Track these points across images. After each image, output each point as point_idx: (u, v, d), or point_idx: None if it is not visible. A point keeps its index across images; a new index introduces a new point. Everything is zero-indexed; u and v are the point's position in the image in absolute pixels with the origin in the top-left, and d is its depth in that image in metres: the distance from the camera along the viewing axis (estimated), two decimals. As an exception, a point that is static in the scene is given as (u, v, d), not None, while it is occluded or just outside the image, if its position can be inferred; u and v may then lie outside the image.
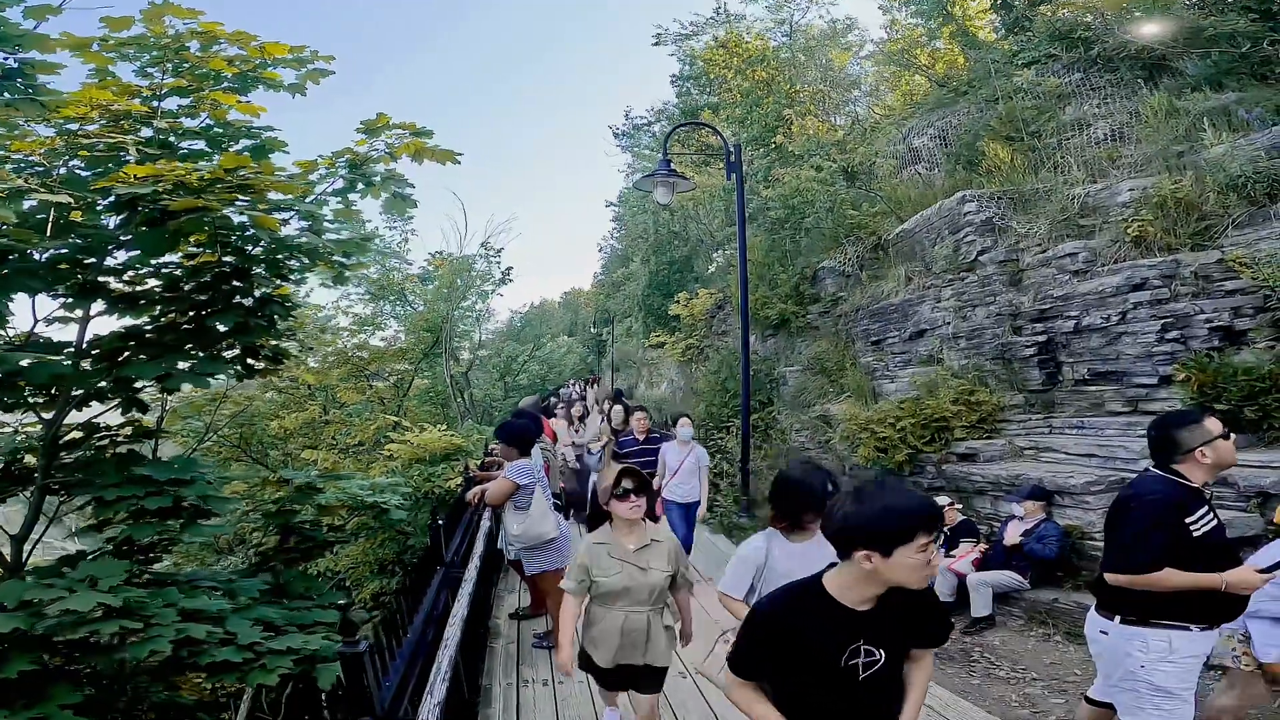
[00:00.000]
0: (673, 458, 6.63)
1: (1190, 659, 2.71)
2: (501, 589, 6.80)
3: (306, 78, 4.96)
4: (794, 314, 11.45)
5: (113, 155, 4.04)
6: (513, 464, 4.92)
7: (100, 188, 3.71)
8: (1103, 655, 2.98)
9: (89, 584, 3.45)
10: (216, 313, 3.92)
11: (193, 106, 4.66)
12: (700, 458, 6.66)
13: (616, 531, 3.13)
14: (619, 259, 25.75)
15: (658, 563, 3.06)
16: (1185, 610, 2.69)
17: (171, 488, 3.77)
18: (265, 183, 3.99)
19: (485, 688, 4.58)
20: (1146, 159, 8.11)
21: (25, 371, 3.52)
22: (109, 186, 3.61)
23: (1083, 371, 7.02)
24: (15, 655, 3.38)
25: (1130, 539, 2.74)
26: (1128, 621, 2.78)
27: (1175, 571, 2.63)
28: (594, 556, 3.08)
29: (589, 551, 3.12)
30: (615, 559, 3.05)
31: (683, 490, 6.58)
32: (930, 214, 9.37)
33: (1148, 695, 2.72)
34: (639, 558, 3.06)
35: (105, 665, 3.90)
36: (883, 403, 8.64)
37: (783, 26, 18.25)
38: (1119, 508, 2.88)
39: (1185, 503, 2.71)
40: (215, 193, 3.60)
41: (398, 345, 14.20)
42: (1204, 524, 2.72)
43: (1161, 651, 2.69)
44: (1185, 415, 2.93)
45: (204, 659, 3.60)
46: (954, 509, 6.84)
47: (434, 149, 4.91)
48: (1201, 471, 2.78)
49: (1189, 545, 2.66)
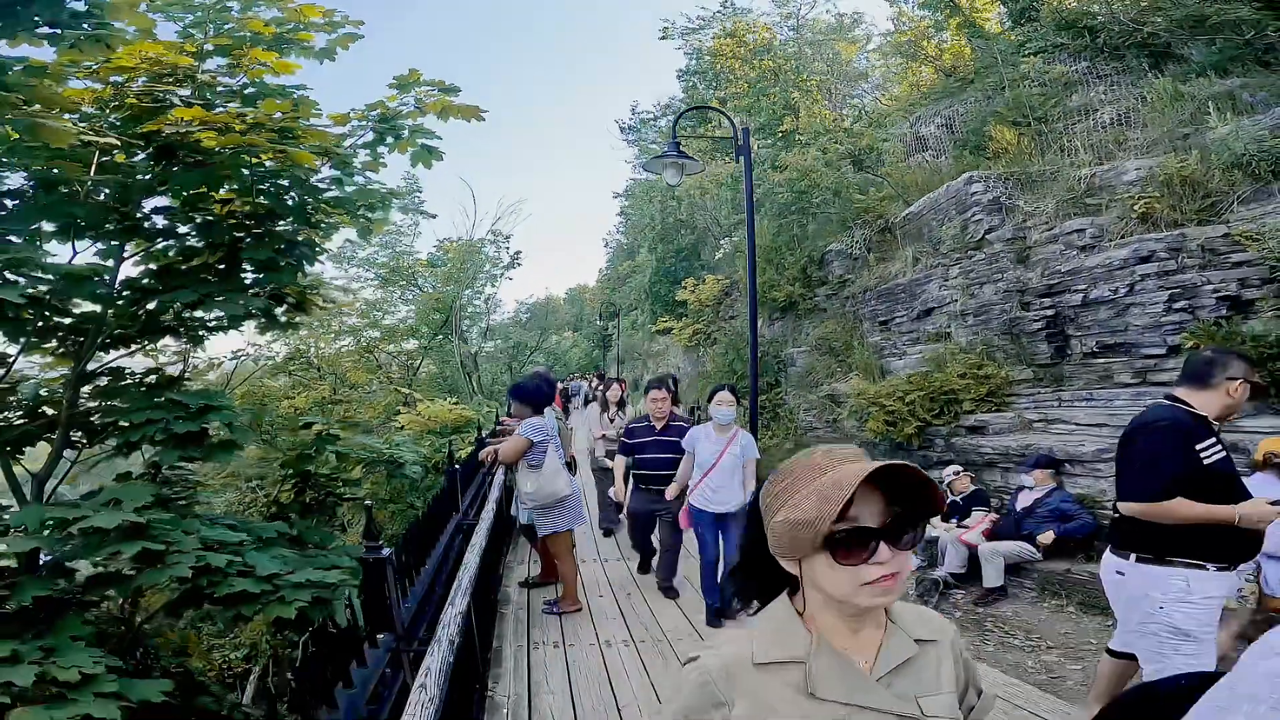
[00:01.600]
0: (705, 449, 4.76)
1: (1208, 600, 2.66)
2: (511, 560, 6.87)
3: (336, 42, 5.06)
4: (801, 296, 11.56)
5: (159, 108, 4.14)
6: (527, 421, 4.97)
7: (145, 132, 3.82)
8: (1119, 599, 2.93)
9: (113, 506, 3.52)
10: (247, 247, 4.00)
11: (232, 66, 4.77)
12: (746, 448, 4.75)
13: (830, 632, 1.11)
14: (624, 252, 25.86)
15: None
16: (1201, 548, 2.66)
17: (200, 416, 3.81)
18: (301, 129, 4.11)
19: (496, 649, 4.63)
20: (1152, 142, 8.24)
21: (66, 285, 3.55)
22: (154, 130, 3.72)
23: (1091, 344, 7.13)
24: (28, 582, 3.44)
25: (1140, 466, 2.73)
26: (1143, 560, 2.76)
27: (1187, 501, 2.62)
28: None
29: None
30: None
31: (718, 495, 4.68)
32: (937, 195, 9.49)
33: (1168, 640, 2.67)
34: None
35: (121, 592, 3.87)
36: (890, 378, 8.74)
37: (789, 21, 18.40)
38: (1127, 437, 2.87)
39: (1194, 430, 2.70)
40: (259, 134, 3.70)
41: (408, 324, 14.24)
42: (1213, 453, 2.71)
43: (1179, 592, 2.66)
44: (1229, 350, 3.02)
45: (222, 589, 3.62)
46: (964, 478, 6.93)
47: (459, 105, 5.02)
48: (1219, 406, 2.78)
49: (1200, 475, 2.66)
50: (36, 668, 3.01)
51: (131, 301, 4.17)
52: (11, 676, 2.93)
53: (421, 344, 13.58)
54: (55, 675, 3.02)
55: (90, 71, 4.02)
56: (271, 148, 3.77)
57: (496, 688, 4.06)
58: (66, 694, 3.06)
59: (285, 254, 4.24)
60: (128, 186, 4.06)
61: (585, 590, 5.71)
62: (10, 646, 3.10)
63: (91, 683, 3.09)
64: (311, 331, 10.66)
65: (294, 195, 4.57)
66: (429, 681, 1.78)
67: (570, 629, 4.97)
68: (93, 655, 3.21)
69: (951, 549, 6.41)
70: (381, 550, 2.31)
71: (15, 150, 3.41)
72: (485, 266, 17.85)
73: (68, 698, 3.04)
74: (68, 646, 3.26)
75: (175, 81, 4.32)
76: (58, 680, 3.04)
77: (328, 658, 1.94)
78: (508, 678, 4.18)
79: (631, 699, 3.85)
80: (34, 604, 3.42)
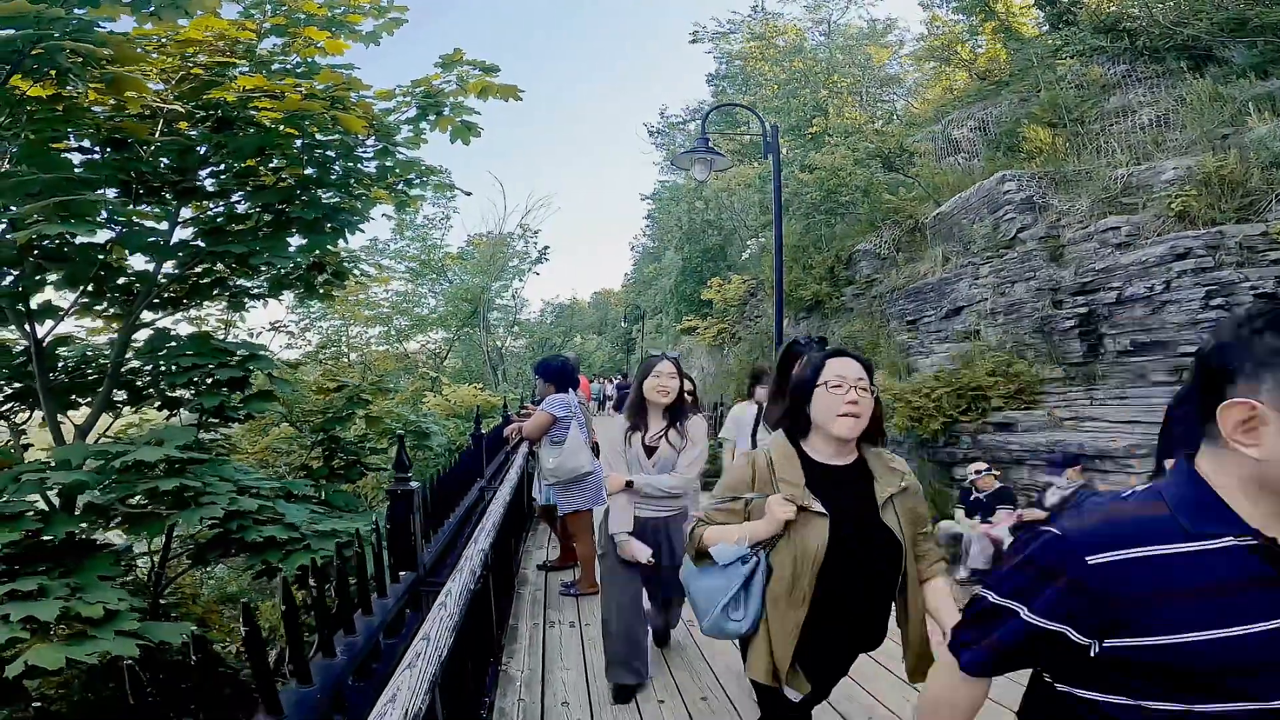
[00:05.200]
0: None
1: None
2: (530, 545, 6.91)
3: (383, 27, 5.24)
4: (828, 295, 11.55)
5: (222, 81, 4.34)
6: (550, 397, 5.01)
7: (208, 100, 4.00)
8: None
9: (155, 444, 3.61)
10: (295, 207, 4.14)
11: (287, 45, 4.96)
12: None
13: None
14: (650, 256, 25.98)
15: None
16: None
17: (243, 363, 3.93)
18: (351, 101, 4.27)
19: (513, 627, 4.64)
20: (1191, 142, 8.14)
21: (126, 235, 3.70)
22: (217, 99, 3.89)
23: (1125, 343, 7.03)
24: (59, 519, 3.50)
25: None
26: None
27: None
28: None
29: None
30: None
31: None
32: (969, 194, 9.44)
33: None
34: None
35: (154, 531, 3.87)
36: (916, 376, 8.69)
37: (820, 26, 18.44)
38: None
39: None
40: (314, 102, 3.86)
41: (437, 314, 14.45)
42: None
43: None
44: None
45: (250, 535, 3.67)
46: (991, 476, 6.85)
47: (499, 85, 5.16)
48: None
49: None
50: (61, 603, 3.01)
51: (183, 263, 4.33)
52: (36, 611, 2.91)
53: (451, 334, 13.75)
54: (79, 611, 3.02)
55: (160, 46, 4.22)
56: (324, 113, 3.91)
57: (511, 662, 4.04)
58: (88, 631, 3.05)
59: (329, 219, 4.39)
60: (187, 155, 4.24)
61: (603, 573, 5.73)
62: (38, 581, 3.11)
63: (114, 620, 3.09)
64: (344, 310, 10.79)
65: (339, 167, 4.73)
66: (449, 601, 1.81)
67: (587, 609, 4.92)
68: (118, 594, 3.23)
69: (976, 545, 6.34)
70: (410, 483, 2.27)
71: (83, 110, 3.59)
72: (513, 260, 18.07)
73: (88, 635, 3.03)
74: (94, 585, 3.26)
75: (236, 56, 4.53)
76: (81, 616, 3.03)
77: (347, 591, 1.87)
78: (522, 653, 4.20)
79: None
80: (66, 544, 3.46)
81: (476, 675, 3.45)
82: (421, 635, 1.55)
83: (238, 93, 3.77)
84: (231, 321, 5.55)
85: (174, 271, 4.31)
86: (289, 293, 5.07)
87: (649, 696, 3.58)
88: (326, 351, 12.90)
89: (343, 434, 5.32)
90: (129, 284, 4.42)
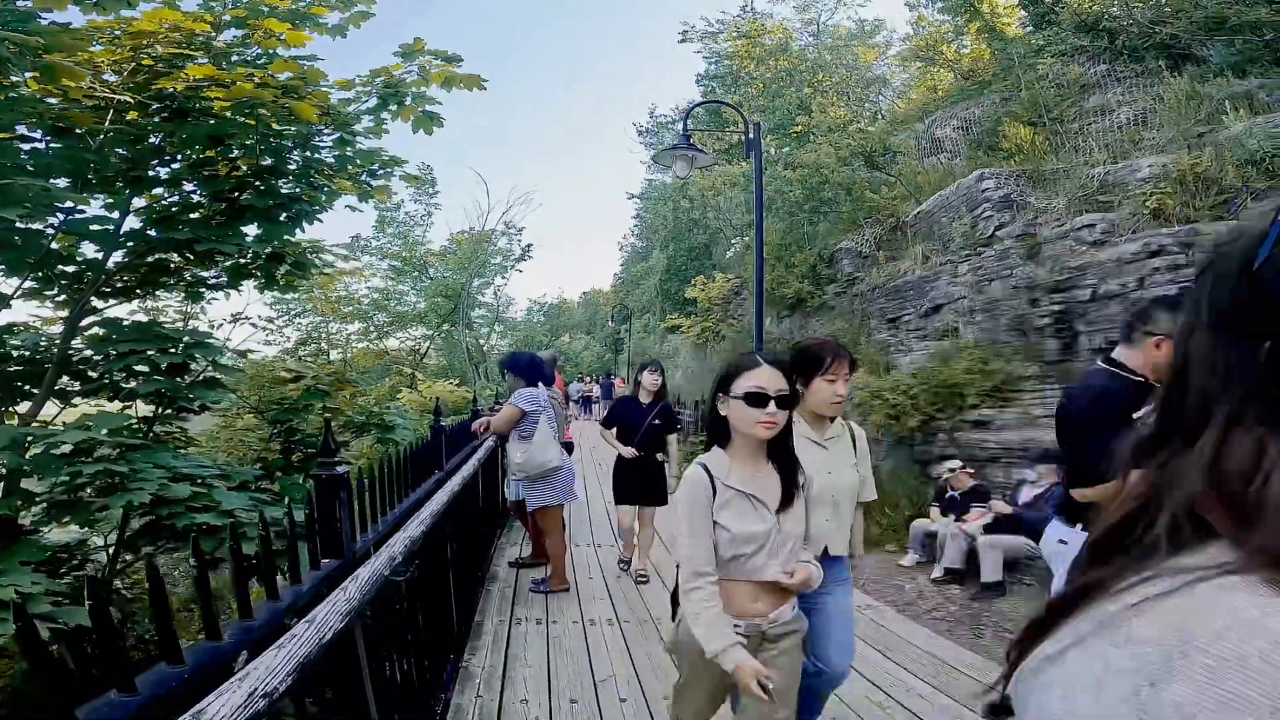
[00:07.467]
0: None
1: None
2: (504, 542, 6.85)
3: (349, 20, 5.16)
4: (810, 294, 11.53)
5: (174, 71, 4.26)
6: (519, 391, 4.96)
7: (159, 90, 3.92)
8: (1057, 557, 2.80)
9: (82, 428, 3.51)
10: (250, 196, 4.07)
11: (247, 37, 4.88)
12: None
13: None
14: (638, 255, 25.94)
15: None
16: None
17: (186, 350, 3.83)
18: (306, 91, 4.20)
19: (477, 623, 4.60)
20: (1168, 141, 8.14)
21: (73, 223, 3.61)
22: (168, 89, 3.82)
23: (1099, 340, 7.01)
24: None
25: (1077, 446, 2.46)
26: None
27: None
28: None
29: None
30: None
31: None
32: (949, 193, 9.43)
33: None
34: None
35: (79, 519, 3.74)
36: (895, 373, 8.67)
37: (810, 27, 18.45)
38: (1059, 414, 2.62)
39: (1124, 395, 2.37)
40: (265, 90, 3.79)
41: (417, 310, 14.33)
42: None
43: None
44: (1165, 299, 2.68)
45: (181, 522, 3.55)
46: (965, 473, 6.81)
47: (463, 75, 5.10)
48: (1145, 367, 2.46)
49: None
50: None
51: (134, 251, 4.25)
52: None
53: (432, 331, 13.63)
54: None
55: (113, 39, 4.15)
56: (275, 101, 3.84)
57: (472, 659, 4.00)
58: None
59: (284, 209, 4.31)
60: (138, 145, 4.16)
61: (575, 571, 5.67)
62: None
63: (27, 603, 2.92)
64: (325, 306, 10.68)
65: (297, 156, 4.66)
66: (351, 586, 1.72)
67: (555, 607, 4.93)
68: (34, 578, 3.13)
69: (950, 542, 6.30)
70: (336, 468, 2.14)
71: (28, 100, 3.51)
72: (496, 257, 17.95)
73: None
74: (15, 570, 3.17)
75: (193, 48, 4.45)
76: (-5, 599, 2.89)
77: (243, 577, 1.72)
78: (485, 650, 4.15)
79: (609, 674, 3.79)
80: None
81: (434, 670, 3.38)
82: (306, 619, 1.49)
83: (186, 82, 3.69)
84: (193, 314, 5.46)
85: (124, 260, 4.22)
86: (249, 283, 4.97)
87: (611, 696, 3.54)
88: (307, 348, 12.80)
89: (303, 426, 5.22)
90: (79, 272, 4.34)
